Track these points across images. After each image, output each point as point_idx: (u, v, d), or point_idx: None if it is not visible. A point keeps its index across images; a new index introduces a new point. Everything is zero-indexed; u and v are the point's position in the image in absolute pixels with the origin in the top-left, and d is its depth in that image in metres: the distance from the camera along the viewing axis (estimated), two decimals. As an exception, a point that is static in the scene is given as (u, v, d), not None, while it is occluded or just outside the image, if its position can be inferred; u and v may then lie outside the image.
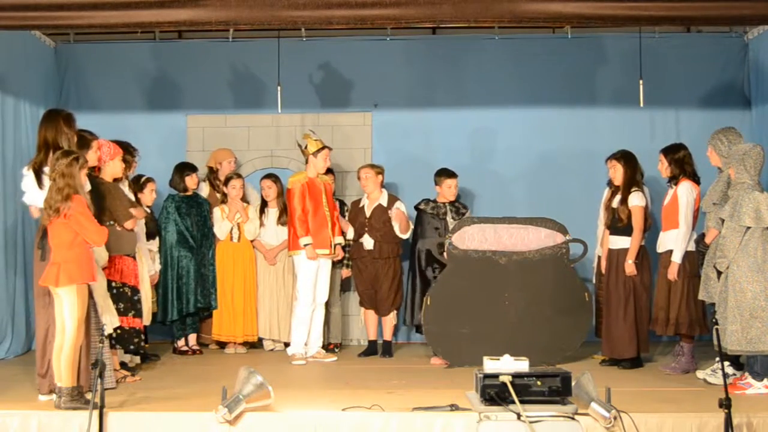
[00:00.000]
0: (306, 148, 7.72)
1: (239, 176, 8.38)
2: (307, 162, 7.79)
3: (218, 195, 8.42)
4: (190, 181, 8.18)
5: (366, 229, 7.98)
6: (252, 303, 8.27)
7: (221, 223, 8.24)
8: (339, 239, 7.87)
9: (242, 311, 8.20)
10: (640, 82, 7.98)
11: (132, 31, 8.40)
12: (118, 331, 6.42)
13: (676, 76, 8.86)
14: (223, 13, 6.08)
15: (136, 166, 7.37)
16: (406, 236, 7.97)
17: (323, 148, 7.72)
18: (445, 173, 8.02)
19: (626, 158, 7.30)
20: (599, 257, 7.63)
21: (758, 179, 6.16)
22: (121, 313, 6.46)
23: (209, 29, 6.84)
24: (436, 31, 9.20)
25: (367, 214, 8.01)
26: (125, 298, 6.56)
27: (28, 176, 5.86)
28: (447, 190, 7.97)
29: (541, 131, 8.94)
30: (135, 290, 6.70)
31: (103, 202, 6.23)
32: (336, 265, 8.12)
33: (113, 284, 6.46)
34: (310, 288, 7.67)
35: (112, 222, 6.32)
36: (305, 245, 7.59)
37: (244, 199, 8.46)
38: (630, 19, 6.35)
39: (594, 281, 7.97)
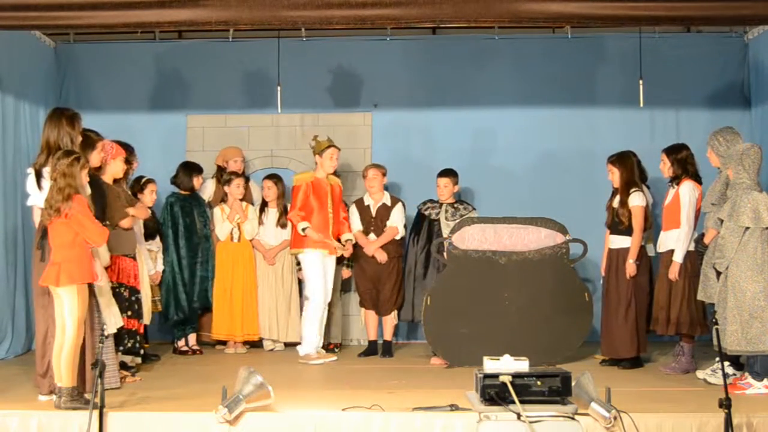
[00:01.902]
0: (313, 147, 7.71)
1: (239, 175, 8.37)
2: (317, 162, 7.77)
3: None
4: (197, 181, 8.21)
5: (372, 228, 7.97)
6: (252, 303, 8.26)
7: (222, 224, 8.24)
8: (349, 235, 7.85)
9: (242, 311, 8.20)
10: (640, 82, 7.99)
11: (132, 31, 8.40)
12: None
13: (676, 76, 8.86)
14: (223, 13, 6.08)
15: (137, 166, 7.37)
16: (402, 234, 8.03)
17: (329, 146, 7.69)
18: (438, 173, 8.04)
19: (621, 160, 7.29)
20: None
21: (757, 179, 6.15)
22: (115, 313, 6.45)
23: (209, 29, 6.84)
24: (436, 31, 9.20)
25: (373, 213, 8.01)
26: (122, 298, 6.53)
27: (31, 176, 5.84)
28: (437, 189, 7.99)
29: (541, 131, 8.95)
30: (134, 291, 6.68)
31: (102, 202, 6.22)
32: (337, 265, 8.13)
33: (110, 284, 6.42)
34: (321, 287, 7.63)
35: (107, 222, 6.30)
36: (304, 229, 7.56)
37: (249, 199, 8.47)
38: (630, 19, 6.35)
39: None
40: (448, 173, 8.01)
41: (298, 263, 8.35)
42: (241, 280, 8.24)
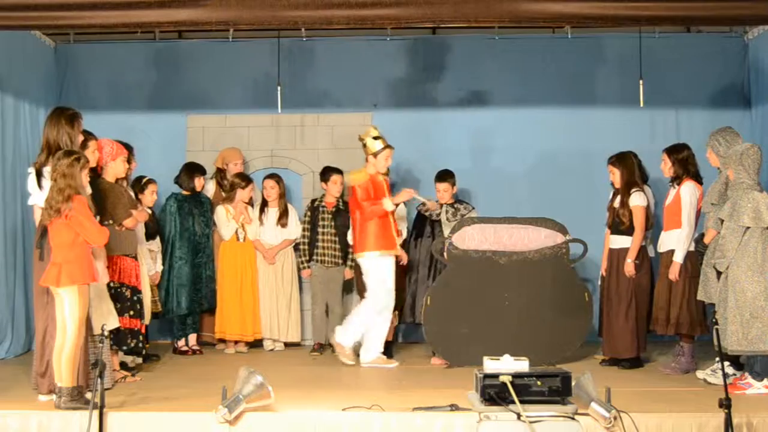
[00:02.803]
0: (365, 148, 7.47)
1: (251, 180, 8.37)
2: (367, 160, 7.52)
3: (223, 194, 8.41)
4: (198, 183, 8.21)
5: None
6: (256, 302, 8.28)
7: (227, 223, 8.23)
8: (400, 224, 7.69)
9: (250, 310, 8.22)
10: (640, 82, 8.00)
11: (132, 31, 8.40)
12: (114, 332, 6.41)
13: (676, 76, 8.86)
14: (223, 13, 6.08)
15: (135, 167, 7.37)
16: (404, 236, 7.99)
17: (385, 147, 7.42)
18: (436, 177, 8.03)
19: (621, 161, 7.29)
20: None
21: (757, 179, 6.15)
22: (117, 313, 6.44)
23: (209, 29, 6.85)
24: (436, 31, 9.20)
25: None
26: (123, 298, 6.54)
27: (32, 176, 5.83)
28: (436, 194, 7.99)
29: (541, 131, 8.94)
30: (135, 290, 6.68)
31: (103, 202, 6.22)
32: (339, 265, 8.17)
33: (111, 284, 6.41)
34: (383, 288, 7.34)
35: (110, 221, 6.31)
36: (390, 202, 7.29)
37: (250, 200, 8.47)
38: (630, 19, 6.36)
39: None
40: (446, 177, 7.97)
41: (300, 263, 8.36)
42: (249, 280, 8.26)
